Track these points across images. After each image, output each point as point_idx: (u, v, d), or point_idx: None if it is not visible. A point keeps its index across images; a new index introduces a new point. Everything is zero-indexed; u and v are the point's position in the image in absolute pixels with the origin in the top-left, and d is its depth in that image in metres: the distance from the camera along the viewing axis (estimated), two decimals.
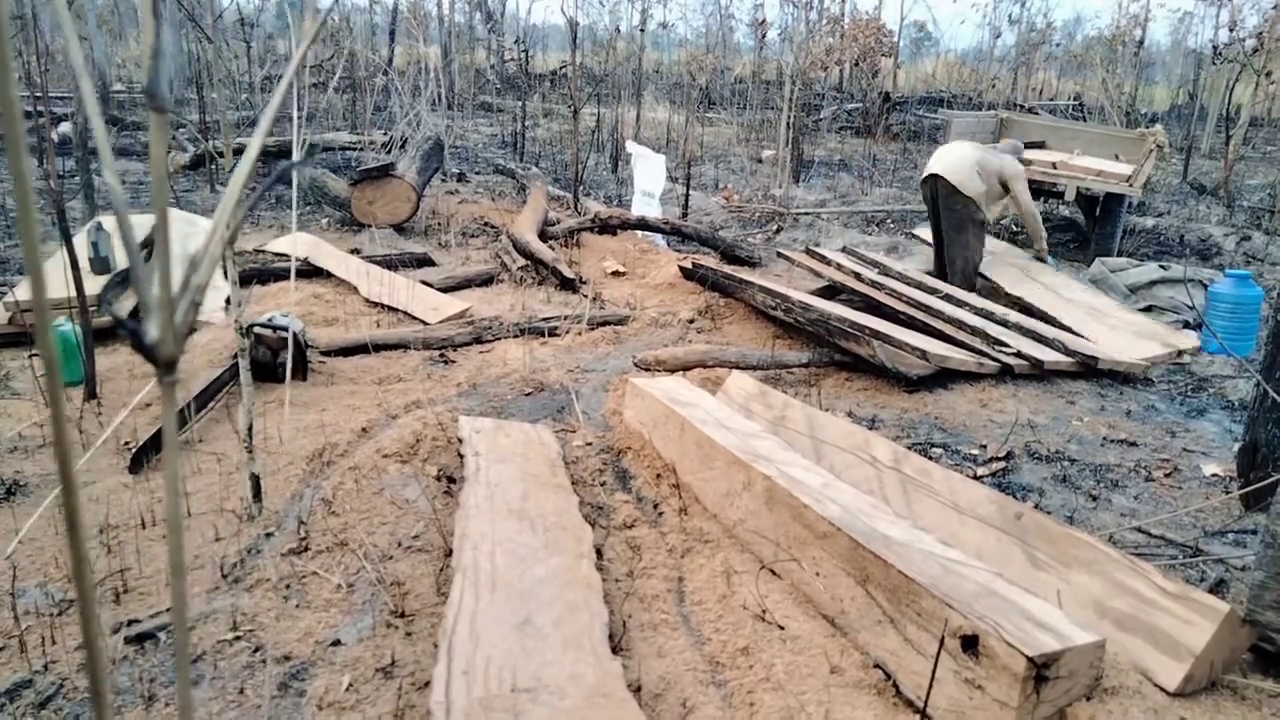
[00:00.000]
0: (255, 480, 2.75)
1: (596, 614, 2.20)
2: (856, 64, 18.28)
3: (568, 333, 4.95)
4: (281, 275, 5.49)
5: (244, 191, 0.58)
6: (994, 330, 4.87)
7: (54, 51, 10.50)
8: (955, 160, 5.83)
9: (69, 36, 0.54)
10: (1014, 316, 5.26)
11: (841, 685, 2.08)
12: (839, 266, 5.89)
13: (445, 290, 5.58)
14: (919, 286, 5.67)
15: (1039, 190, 7.80)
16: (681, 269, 5.82)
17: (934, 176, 5.88)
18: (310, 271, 5.66)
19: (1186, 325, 5.63)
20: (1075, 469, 3.57)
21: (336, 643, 2.22)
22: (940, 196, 5.85)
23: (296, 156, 2.15)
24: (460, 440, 3.26)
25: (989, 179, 5.78)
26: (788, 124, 10.63)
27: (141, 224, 5.95)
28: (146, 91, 0.52)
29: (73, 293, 3.47)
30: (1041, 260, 6.23)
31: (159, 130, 0.53)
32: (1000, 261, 6.25)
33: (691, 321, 5.28)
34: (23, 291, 4.44)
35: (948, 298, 5.49)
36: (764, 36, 19.27)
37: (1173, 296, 5.91)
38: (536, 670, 1.95)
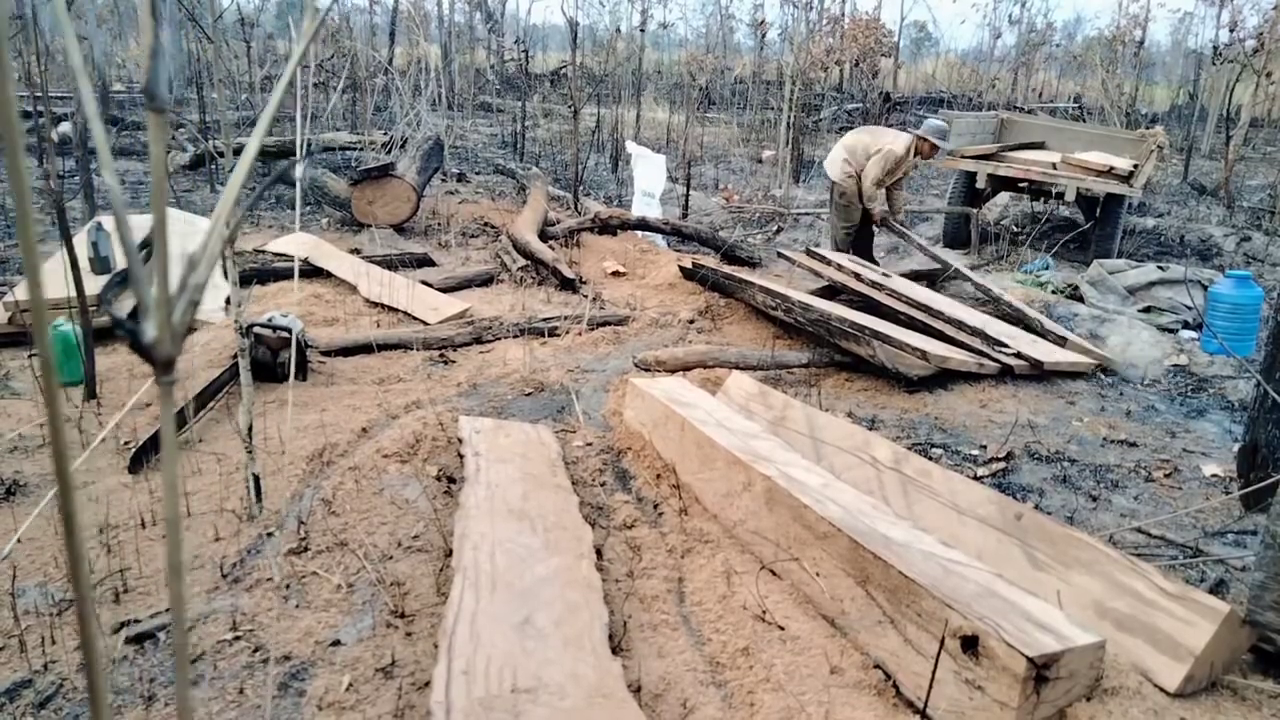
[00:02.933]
0: (255, 480, 2.75)
1: (596, 614, 2.20)
2: (856, 64, 18.30)
3: (568, 333, 4.95)
4: (282, 275, 5.49)
5: (243, 191, 0.58)
6: (994, 330, 4.87)
7: (54, 51, 10.49)
8: (830, 155, 6.68)
9: (68, 37, 0.54)
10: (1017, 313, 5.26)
11: (841, 686, 2.08)
12: (839, 267, 5.89)
13: (445, 290, 5.57)
14: (919, 286, 5.67)
15: (1039, 190, 7.80)
16: (681, 269, 5.82)
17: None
18: (310, 271, 5.66)
19: (1186, 326, 5.63)
20: (1075, 469, 3.57)
21: (336, 643, 2.22)
22: None
23: (299, 156, 2.15)
24: (460, 440, 3.25)
25: (856, 164, 6.44)
26: (788, 124, 10.63)
27: (140, 224, 5.96)
28: (145, 92, 0.52)
29: (73, 293, 3.47)
30: (883, 224, 6.57)
31: (158, 130, 0.52)
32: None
33: (691, 322, 5.28)
34: (23, 291, 4.44)
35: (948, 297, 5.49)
36: (764, 37, 19.26)
37: (1171, 297, 5.91)
38: (537, 670, 1.94)
